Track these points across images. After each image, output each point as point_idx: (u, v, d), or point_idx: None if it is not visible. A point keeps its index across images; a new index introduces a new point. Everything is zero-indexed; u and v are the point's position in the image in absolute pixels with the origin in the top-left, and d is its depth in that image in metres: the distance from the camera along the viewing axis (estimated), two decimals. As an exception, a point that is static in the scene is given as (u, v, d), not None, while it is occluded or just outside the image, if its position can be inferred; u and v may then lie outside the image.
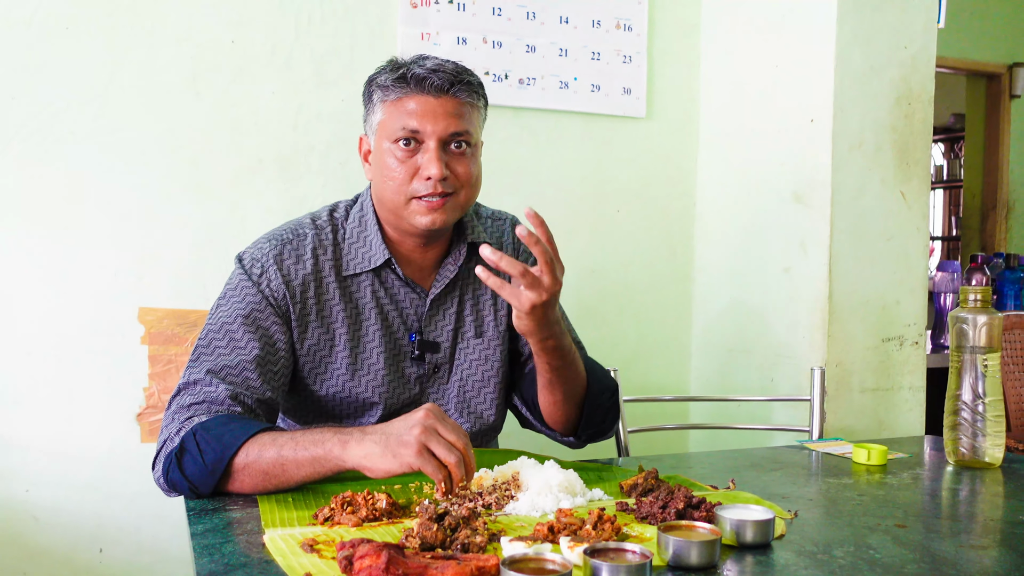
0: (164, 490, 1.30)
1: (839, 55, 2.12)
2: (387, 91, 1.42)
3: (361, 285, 1.48)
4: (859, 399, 2.20)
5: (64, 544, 2.00)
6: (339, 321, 1.46)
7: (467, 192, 1.46)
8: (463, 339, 1.55)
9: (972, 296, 1.50)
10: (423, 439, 1.13)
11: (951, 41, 4.72)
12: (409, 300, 1.51)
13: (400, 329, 1.51)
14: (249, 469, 1.21)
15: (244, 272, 1.43)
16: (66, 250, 1.98)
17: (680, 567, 0.95)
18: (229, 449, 1.21)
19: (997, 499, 1.34)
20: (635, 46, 2.46)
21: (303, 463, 1.20)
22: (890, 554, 1.02)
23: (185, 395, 1.33)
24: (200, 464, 1.22)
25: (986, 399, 1.48)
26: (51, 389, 1.98)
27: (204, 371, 1.34)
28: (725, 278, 2.49)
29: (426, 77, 1.39)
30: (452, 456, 1.12)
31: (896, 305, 2.23)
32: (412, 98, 1.40)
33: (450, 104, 1.40)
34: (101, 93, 1.99)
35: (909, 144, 2.22)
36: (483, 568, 0.89)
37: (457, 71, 1.42)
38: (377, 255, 1.48)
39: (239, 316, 1.39)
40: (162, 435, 1.30)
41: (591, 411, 1.53)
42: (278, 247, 1.45)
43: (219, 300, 1.44)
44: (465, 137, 1.43)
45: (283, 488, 1.23)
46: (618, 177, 2.49)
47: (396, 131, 1.40)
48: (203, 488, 1.23)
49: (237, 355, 1.37)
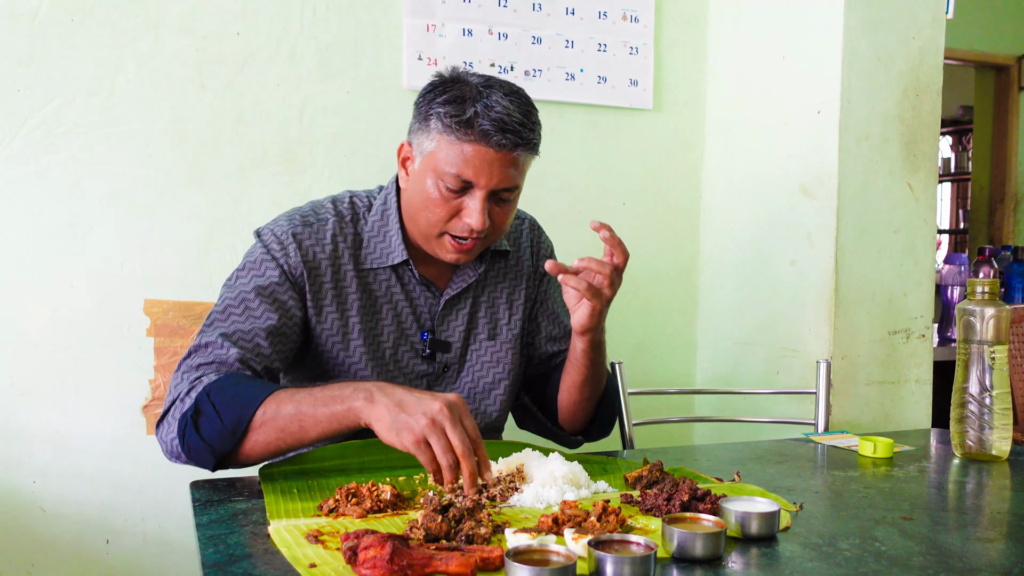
0: (172, 454, 1.29)
1: (846, 46, 2.11)
2: (448, 127, 1.34)
3: (378, 279, 1.48)
4: (865, 392, 2.19)
5: (71, 535, 2.01)
6: (354, 311, 1.46)
7: (497, 236, 1.46)
8: (475, 340, 1.55)
9: (980, 288, 1.49)
10: (427, 431, 1.12)
11: (960, 32, 4.70)
12: (424, 298, 1.51)
13: (413, 327, 1.50)
14: (266, 427, 1.21)
15: (264, 246, 1.43)
16: (72, 242, 1.99)
17: (685, 559, 0.94)
18: (248, 408, 1.21)
19: (1004, 492, 1.33)
20: (642, 38, 2.45)
21: (321, 419, 1.20)
22: (896, 546, 1.01)
23: (195, 356, 1.33)
24: (219, 424, 1.22)
25: (993, 392, 1.47)
26: (57, 381, 1.99)
27: (217, 335, 1.34)
28: (731, 270, 2.48)
29: (491, 134, 1.33)
30: (446, 459, 1.11)
31: (903, 298, 2.22)
32: (472, 145, 1.33)
33: (508, 159, 1.36)
34: (106, 85, 1.99)
35: (917, 136, 2.21)
36: (487, 559, 0.89)
37: (524, 130, 1.35)
38: (396, 253, 1.47)
39: (257, 287, 1.39)
40: (170, 395, 1.30)
41: (606, 411, 1.57)
42: (299, 226, 1.44)
43: (237, 272, 1.43)
44: (515, 192, 1.41)
45: (297, 447, 1.24)
46: (624, 169, 2.48)
47: (447, 174, 1.35)
48: (221, 448, 1.23)
49: (251, 323, 1.37)
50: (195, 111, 2.06)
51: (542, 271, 1.63)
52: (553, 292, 1.65)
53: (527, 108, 1.38)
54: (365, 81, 2.20)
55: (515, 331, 1.58)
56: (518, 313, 1.59)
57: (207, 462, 1.26)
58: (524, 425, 1.69)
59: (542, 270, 1.63)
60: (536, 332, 1.63)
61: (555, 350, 1.63)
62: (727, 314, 2.49)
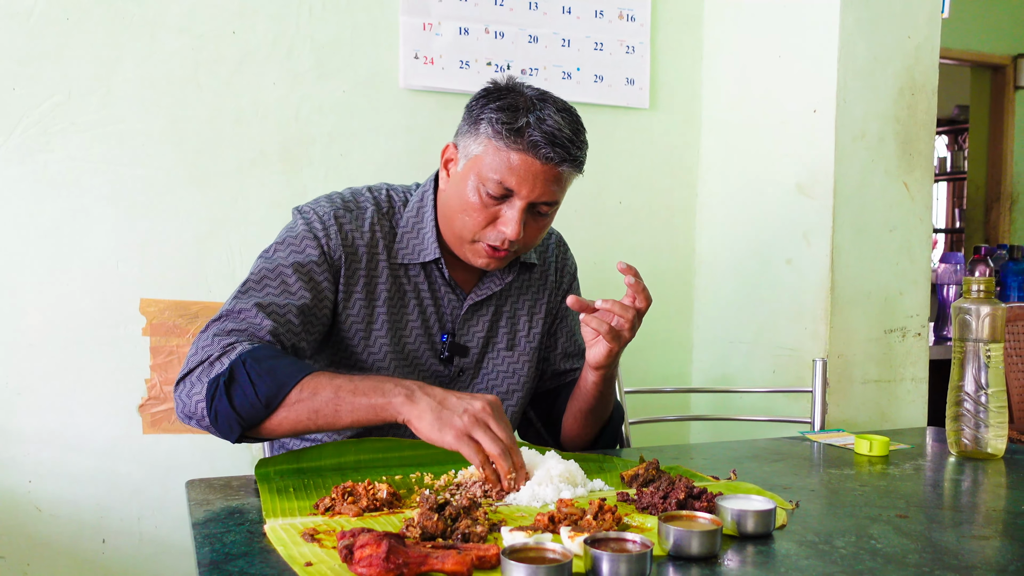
0: (193, 417, 1.28)
1: (842, 45, 2.11)
2: (498, 135, 1.35)
3: (409, 274, 1.49)
4: (861, 390, 2.19)
5: (67, 535, 2.00)
6: (381, 302, 1.46)
7: (527, 249, 1.47)
8: (493, 349, 1.56)
9: (975, 287, 1.50)
10: (469, 427, 1.14)
11: (955, 32, 4.71)
12: (447, 300, 1.51)
13: (435, 327, 1.51)
14: (300, 405, 1.22)
15: (307, 224, 1.43)
16: (68, 241, 1.98)
17: (681, 557, 0.94)
18: (286, 385, 1.22)
19: (999, 490, 1.33)
20: (638, 36, 2.45)
21: (359, 408, 1.21)
22: (891, 544, 1.01)
23: (227, 321, 1.33)
24: (252, 396, 1.22)
25: (989, 390, 1.48)
26: (53, 380, 1.98)
27: (252, 303, 1.34)
28: (727, 269, 2.48)
29: (541, 146, 1.33)
30: (496, 447, 1.13)
31: (899, 296, 2.22)
32: (519, 154, 1.34)
33: (552, 173, 1.36)
34: (103, 84, 1.99)
35: (912, 135, 2.21)
36: (483, 558, 0.89)
37: (572, 147, 1.36)
38: (428, 251, 1.47)
39: (295, 263, 1.40)
40: (197, 355, 1.29)
41: (609, 438, 1.58)
42: (340, 209, 1.45)
43: (276, 244, 1.43)
44: (554, 207, 1.42)
45: (323, 430, 1.24)
46: (621, 168, 2.49)
47: (491, 180, 1.36)
48: (250, 420, 1.23)
49: (286, 298, 1.37)
50: (192, 110, 2.06)
51: (565, 287, 1.65)
52: (572, 311, 1.65)
53: (577, 126, 1.39)
54: (362, 80, 2.20)
55: (533, 344, 1.58)
56: (538, 327, 1.59)
57: (231, 431, 1.25)
58: (525, 436, 1.71)
59: (564, 286, 1.64)
60: (552, 348, 1.64)
61: (568, 367, 1.64)
62: (723, 313, 2.49)
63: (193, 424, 1.29)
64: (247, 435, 1.27)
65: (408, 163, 2.21)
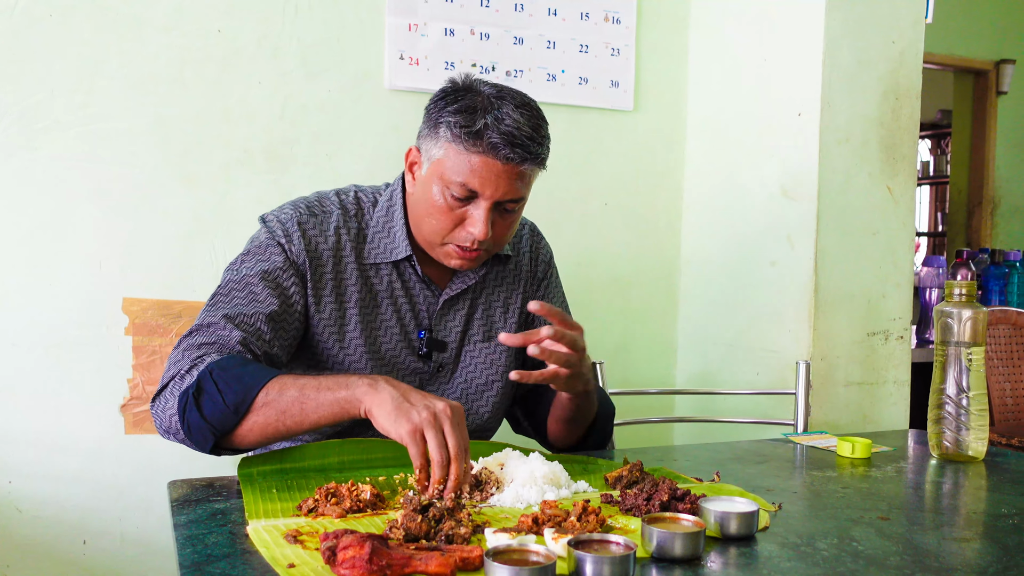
0: (169, 431, 1.29)
1: (827, 49, 2.13)
2: (457, 139, 1.35)
3: (380, 274, 1.49)
4: (844, 393, 2.20)
5: (48, 536, 1.99)
6: (353, 303, 1.47)
7: (499, 247, 1.47)
8: (470, 342, 1.56)
9: (957, 290, 1.51)
10: (425, 424, 1.13)
11: (939, 37, 4.74)
12: (423, 297, 1.52)
13: (411, 324, 1.51)
14: (267, 408, 1.22)
15: (269, 232, 1.44)
16: (51, 240, 1.97)
17: (664, 559, 0.95)
18: (252, 389, 1.22)
19: (980, 492, 1.34)
20: (623, 39, 2.46)
21: (323, 404, 1.21)
22: (873, 546, 1.02)
23: (197, 335, 1.34)
24: (220, 404, 1.23)
25: (970, 393, 1.49)
26: (35, 380, 1.97)
27: (220, 315, 1.35)
28: (712, 271, 2.49)
29: (500, 147, 1.33)
30: (439, 454, 1.12)
31: (882, 299, 2.24)
32: (479, 156, 1.34)
33: (515, 172, 1.36)
34: (87, 82, 1.98)
35: (896, 139, 2.23)
36: (467, 559, 0.89)
37: (533, 144, 1.36)
38: (400, 249, 1.48)
39: (261, 271, 1.40)
40: (169, 371, 1.31)
41: (597, 436, 1.57)
42: (304, 215, 1.46)
43: (242, 256, 1.44)
44: (520, 203, 1.42)
45: (292, 432, 1.24)
46: (605, 170, 2.49)
47: (454, 183, 1.36)
48: (221, 427, 1.24)
49: (254, 307, 1.38)
50: (177, 109, 2.05)
51: (540, 275, 1.65)
52: (551, 295, 1.66)
53: (537, 122, 1.39)
54: (348, 80, 2.19)
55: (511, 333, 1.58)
56: (514, 317, 1.60)
57: (206, 441, 1.26)
58: (519, 431, 1.71)
59: (540, 274, 1.65)
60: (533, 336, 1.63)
61: None
62: (707, 315, 2.50)
63: (171, 438, 1.31)
64: (223, 446, 1.28)
65: (393, 163, 2.20)
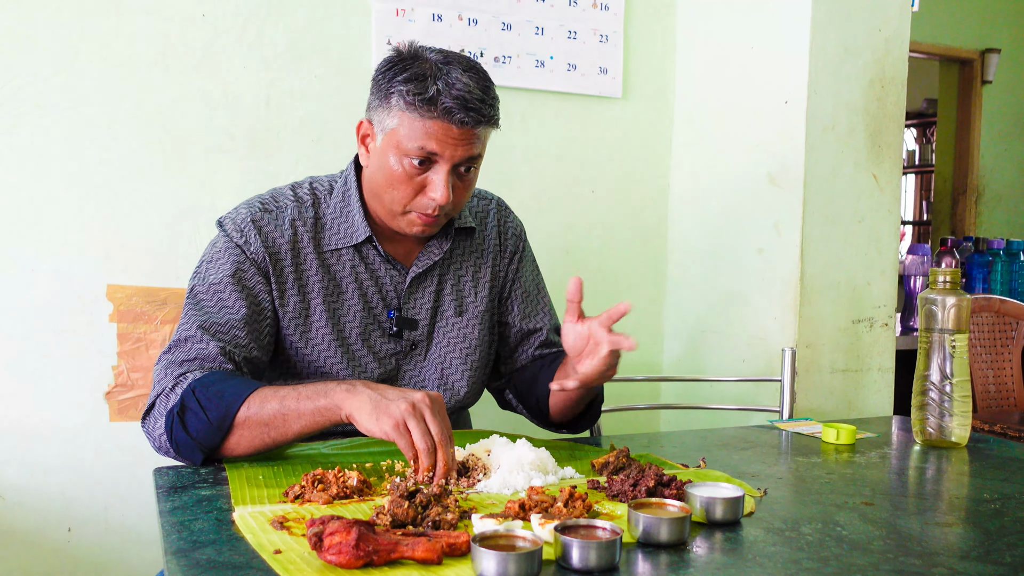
0: (161, 449, 1.31)
1: (814, 37, 2.13)
2: (410, 106, 1.35)
3: (342, 260, 1.49)
4: (829, 380, 2.22)
5: (32, 524, 1.98)
6: (316, 293, 1.46)
7: (458, 209, 1.47)
8: (442, 318, 1.56)
9: (942, 278, 1.51)
10: (406, 416, 1.14)
11: (925, 26, 4.75)
12: (389, 277, 1.51)
13: (379, 305, 1.51)
14: (250, 422, 1.24)
15: (227, 235, 1.44)
16: (32, 226, 1.95)
17: (650, 544, 0.95)
18: (233, 404, 1.23)
19: (963, 478, 1.35)
20: (612, 25, 2.45)
21: (305, 413, 1.22)
22: (857, 531, 1.03)
23: (176, 352, 1.35)
24: (204, 421, 1.24)
25: (953, 379, 1.50)
26: (18, 367, 1.95)
27: (195, 327, 1.36)
28: (698, 259, 2.49)
29: (453, 111, 1.34)
30: (424, 443, 1.13)
31: (867, 287, 2.25)
32: (434, 122, 1.35)
33: (470, 134, 1.38)
34: (67, 66, 1.95)
35: (882, 127, 2.23)
36: (454, 545, 0.89)
37: (484, 106, 1.37)
38: (359, 231, 1.48)
39: (225, 276, 1.41)
40: (155, 390, 1.32)
41: (596, 408, 1.59)
42: (258, 212, 1.46)
43: (205, 263, 1.44)
44: (476, 161, 1.43)
45: (279, 443, 1.25)
46: (593, 157, 2.48)
47: (412, 149, 1.36)
48: (208, 444, 1.25)
49: (225, 314, 1.38)
50: (159, 94, 2.03)
51: (511, 250, 1.65)
52: (526, 270, 1.66)
53: (485, 84, 1.40)
54: (333, 65, 2.18)
55: (481, 307, 1.59)
56: (484, 290, 1.60)
57: (195, 457, 1.28)
58: (504, 408, 1.71)
59: (511, 248, 1.65)
60: (508, 311, 1.64)
61: (531, 327, 1.64)
62: (694, 302, 2.51)
63: (165, 455, 1.32)
64: (214, 458, 1.29)
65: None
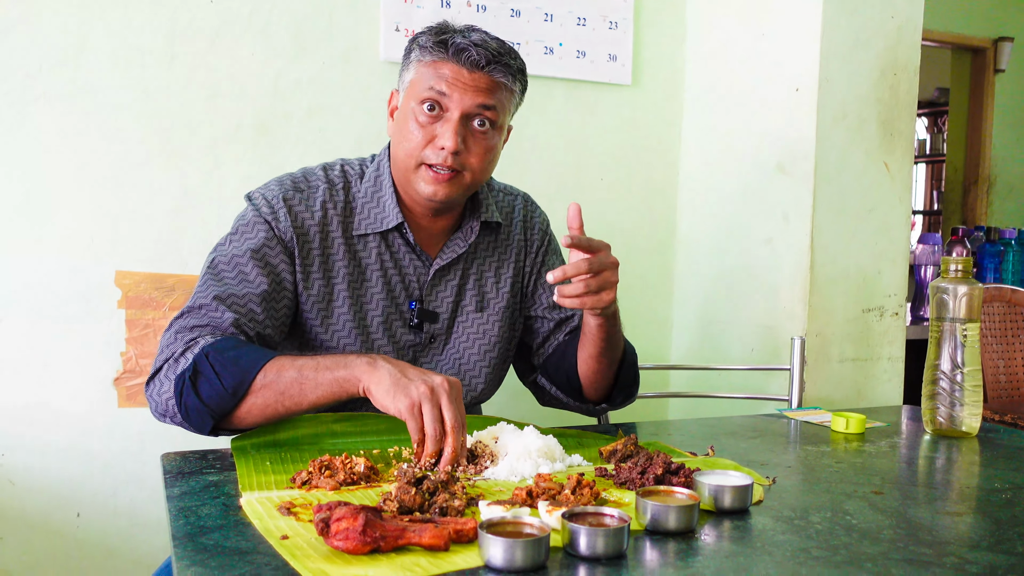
0: (166, 414, 1.28)
1: (825, 25, 2.11)
2: (425, 51, 1.40)
3: (368, 246, 1.48)
4: (838, 369, 2.21)
5: (41, 508, 1.99)
6: (341, 278, 1.46)
7: (474, 176, 1.44)
8: (463, 313, 1.55)
9: (953, 266, 1.50)
10: (423, 398, 1.13)
11: (937, 14, 4.71)
12: (413, 267, 1.51)
13: (402, 295, 1.50)
14: (266, 390, 1.22)
15: (255, 209, 1.43)
16: (41, 214, 1.95)
17: (658, 532, 0.95)
18: (250, 371, 1.22)
19: (973, 467, 1.35)
20: (621, 12, 2.44)
21: (322, 383, 1.21)
22: (866, 520, 1.02)
23: (189, 317, 1.33)
24: (218, 387, 1.22)
25: (964, 369, 1.49)
26: (28, 353, 1.96)
27: (211, 296, 1.34)
28: (707, 248, 2.48)
29: (465, 49, 1.37)
30: (433, 429, 1.12)
31: (877, 276, 2.24)
32: (447, 64, 1.38)
33: (483, 80, 1.39)
34: (75, 56, 1.95)
35: (893, 116, 2.22)
36: (461, 531, 0.89)
37: (499, 51, 1.40)
38: (390, 217, 1.47)
39: (249, 250, 1.39)
40: (163, 353, 1.30)
41: (626, 375, 1.57)
42: (289, 191, 1.45)
43: (229, 235, 1.43)
44: (490, 114, 1.41)
45: (292, 412, 1.24)
46: (602, 145, 2.48)
47: (423, 91, 1.39)
48: (220, 410, 1.23)
49: (244, 287, 1.37)
50: (166, 83, 2.03)
51: (537, 244, 1.64)
52: (552, 262, 1.65)
53: (504, 43, 1.43)
54: (341, 53, 2.17)
55: (502, 304, 1.58)
56: (507, 286, 1.59)
57: (204, 424, 1.25)
58: (546, 403, 1.69)
59: (537, 243, 1.64)
60: (536, 303, 1.62)
61: (560, 317, 1.62)
62: (703, 291, 2.50)
63: (167, 421, 1.30)
64: (221, 427, 1.28)
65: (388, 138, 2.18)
